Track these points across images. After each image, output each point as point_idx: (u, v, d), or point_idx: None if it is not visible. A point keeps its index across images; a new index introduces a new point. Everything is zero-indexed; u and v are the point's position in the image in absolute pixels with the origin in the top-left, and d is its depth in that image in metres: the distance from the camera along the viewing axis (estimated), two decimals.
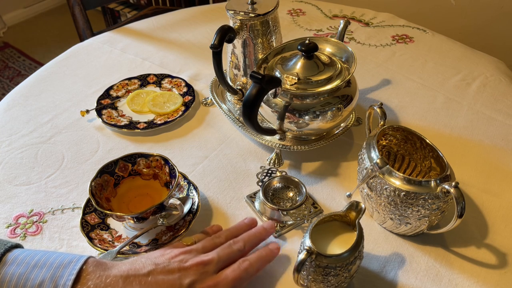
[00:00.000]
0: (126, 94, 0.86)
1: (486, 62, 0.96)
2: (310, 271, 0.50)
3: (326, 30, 1.08)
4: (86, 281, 0.43)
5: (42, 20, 2.79)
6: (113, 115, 0.81)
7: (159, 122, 0.79)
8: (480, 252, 0.59)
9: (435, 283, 0.56)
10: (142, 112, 0.82)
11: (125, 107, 0.83)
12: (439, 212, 0.56)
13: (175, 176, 0.60)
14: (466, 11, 1.56)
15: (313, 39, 0.67)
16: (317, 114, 0.65)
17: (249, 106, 0.60)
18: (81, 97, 0.87)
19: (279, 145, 0.71)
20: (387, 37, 1.05)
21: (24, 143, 0.77)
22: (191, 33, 1.09)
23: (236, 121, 0.78)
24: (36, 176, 0.71)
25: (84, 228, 0.60)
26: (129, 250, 0.58)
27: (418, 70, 0.94)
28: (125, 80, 0.88)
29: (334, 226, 0.55)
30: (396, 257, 0.59)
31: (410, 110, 0.83)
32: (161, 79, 0.89)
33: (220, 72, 0.72)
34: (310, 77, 0.65)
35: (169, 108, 0.81)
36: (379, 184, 0.57)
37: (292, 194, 0.64)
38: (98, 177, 0.61)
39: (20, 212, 0.65)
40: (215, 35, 0.68)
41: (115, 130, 0.78)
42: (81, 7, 1.24)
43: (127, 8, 2.18)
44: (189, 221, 0.60)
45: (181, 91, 0.86)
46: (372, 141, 0.61)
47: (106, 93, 0.85)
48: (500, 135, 0.77)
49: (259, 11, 0.71)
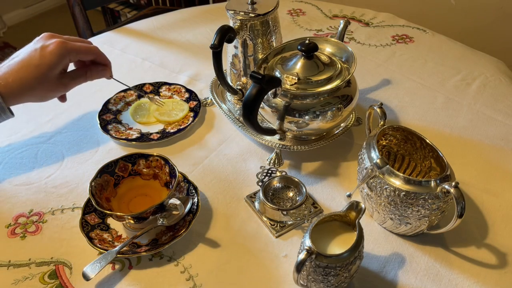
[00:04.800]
0: (126, 107, 0.84)
1: (486, 62, 0.96)
2: (310, 271, 0.50)
3: (326, 30, 1.08)
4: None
5: (42, 20, 2.79)
6: (120, 129, 0.79)
7: (171, 130, 0.78)
8: (480, 252, 0.59)
9: (435, 283, 0.56)
10: (149, 123, 0.80)
11: (129, 120, 0.81)
12: (439, 212, 0.56)
13: (175, 176, 0.60)
14: (466, 11, 1.56)
15: (313, 39, 0.67)
16: (317, 114, 0.65)
17: (249, 106, 0.60)
18: (81, 97, 0.87)
19: (279, 145, 0.71)
20: (387, 37, 1.05)
21: (24, 143, 0.77)
22: (191, 33, 1.08)
23: (236, 121, 0.78)
24: (36, 176, 0.71)
25: (84, 228, 0.60)
26: (129, 250, 0.58)
27: (418, 70, 0.94)
28: (121, 93, 0.85)
29: (334, 226, 0.55)
30: (396, 257, 0.59)
31: (410, 110, 0.83)
32: (158, 87, 0.87)
33: (220, 72, 0.72)
34: (310, 77, 0.64)
35: (177, 115, 0.80)
36: (379, 184, 0.57)
37: (292, 194, 0.64)
38: (98, 177, 0.61)
39: (20, 212, 0.65)
40: (215, 35, 0.68)
41: (127, 145, 0.76)
42: (81, 7, 1.24)
43: (127, 8, 2.18)
44: (189, 221, 0.60)
45: (183, 97, 0.85)
46: (372, 141, 0.61)
47: (105, 108, 0.82)
48: (500, 135, 0.77)
49: (259, 11, 0.71)
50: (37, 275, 0.57)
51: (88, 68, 0.72)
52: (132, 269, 0.58)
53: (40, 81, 0.65)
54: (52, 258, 0.59)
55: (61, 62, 0.66)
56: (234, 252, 0.60)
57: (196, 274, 0.57)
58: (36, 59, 0.65)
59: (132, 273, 0.57)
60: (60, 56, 0.66)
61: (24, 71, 0.64)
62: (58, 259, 0.59)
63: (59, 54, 0.66)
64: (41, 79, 0.65)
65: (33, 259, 0.59)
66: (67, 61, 0.68)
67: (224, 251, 0.60)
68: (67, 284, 0.56)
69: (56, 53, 0.65)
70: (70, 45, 0.67)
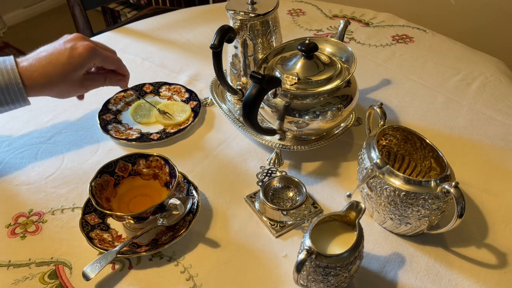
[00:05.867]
0: (126, 107, 0.84)
1: (486, 62, 0.96)
2: (310, 271, 0.50)
3: (326, 30, 1.08)
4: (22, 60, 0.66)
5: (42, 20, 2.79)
6: (120, 129, 0.79)
7: (171, 130, 0.78)
8: (480, 252, 0.59)
9: (435, 283, 0.56)
10: (149, 123, 0.80)
11: (129, 120, 0.81)
12: (439, 212, 0.56)
13: (175, 176, 0.60)
14: (466, 11, 1.56)
15: (313, 39, 0.67)
16: (317, 114, 0.65)
17: (249, 106, 0.60)
18: None
19: (279, 145, 0.71)
20: (387, 37, 1.05)
21: (24, 143, 0.77)
22: (191, 33, 1.08)
23: (236, 121, 0.78)
24: (36, 176, 0.71)
25: (84, 228, 0.60)
26: (129, 250, 0.58)
27: (418, 70, 0.94)
28: (121, 93, 0.85)
29: (334, 226, 0.55)
30: (396, 257, 0.59)
31: (410, 110, 0.83)
32: (158, 87, 0.87)
33: (220, 72, 0.72)
34: (310, 77, 0.65)
35: (181, 117, 0.80)
36: (379, 184, 0.57)
37: (292, 194, 0.64)
38: (98, 177, 0.61)
39: (20, 212, 0.65)
40: (215, 35, 0.68)
41: (127, 145, 0.76)
42: (81, 7, 1.24)
43: (127, 8, 2.18)
44: (189, 221, 0.60)
45: (183, 97, 0.85)
46: (372, 141, 0.61)
47: (105, 108, 0.82)
48: (500, 135, 0.77)
49: (259, 11, 0.71)
50: (37, 275, 0.57)
51: (108, 75, 0.75)
52: (132, 269, 0.58)
53: (64, 79, 0.68)
54: (52, 258, 0.59)
55: (87, 65, 0.69)
56: (234, 252, 0.60)
57: (196, 274, 0.57)
58: (65, 57, 0.67)
59: (132, 273, 0.57)
60: (88, 59, 0.68)
61: (51, 67, 0.66)
62: (58, 259, 0.59)
63: (87, 57, 0.68)
64: (65, 77, 0.68)
65: (33, 259, 0.59)
66: (91, 65, 0.71)
67: (224, 251, 0.60)
68: (67, 284, 0.56)
69: (85, 56, 0.68)
70: (99, 51, 0.70)
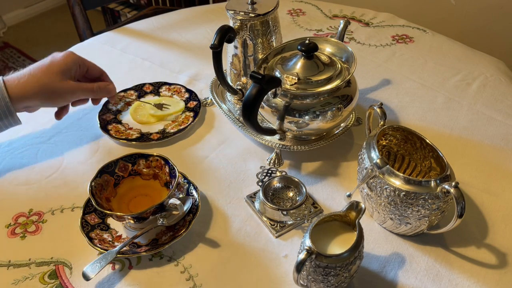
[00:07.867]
0: (126, 107, 0.84)
1: (486, 62, 0.96)
2: (310, 271, 0.50)
3: (326, 30, 1.08)
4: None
5: (42, 20, 2.79)
6: (120, 129, 0.79)
7: (171, 130, 0.78)
8: (480, 252, 0.59)
9: (435, 283, 0.56)
10: (149, 123, 0.80)
11: (129, 120, 0.81)
12: (439, 212, 0.56)
13: (175, 176, 0.60)
14: (466, 11, 1.56)
15: (313, 39, 0.67)
16: (317, 114, 0.65)
17: (249, 106, 0.60)
18: None
19: (279, 145, 0.71)
20: (387, 37, 1.05)
21: (24, 143, 0.77)
22: (191, 33, 1.08)
23: (236, 121, 0.78)
24: (36, 176, 0.71)
25: (84, 228, 0.60)
26: (129, 250, 0.58)
27: (418, 70, 0.94)
28: (121, 92, 0.85)
29: (334, 226, 0.55)
30: (396, 257, 0.59)
31: (410, 110, 0.83)
32: (158, 87, 0.87)
33: (220, 72, 0.72)
34: (310, 77, 0.65)
35: (168, 109, 0.80)
36: (379, 184, 0.57)
37: (292, 194, 0.64)
38: (98, 177, 0.61)
39: (20, 212, 0.65)
40: (215, 35, 0.68)
41: (127, 145, 0.76)
42: (81, 7, 1.24)
43: (127, 8, 2.17)
44: (189, 221, 0.60)
45: (183, 97, 0.85)
46: (372, 141, 0.61)
47: (105, 108, 0.82)
48: (500, 135, 0.77)
49: (259, 11, 0.71)
50: (37, 275, 0.57)
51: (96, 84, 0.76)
52: (132, 269, 0.58)
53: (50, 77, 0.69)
54: (52, 258, 0.59)
55: (70, 66, 0.71)
56: (234, 252, 0.60)
57: (196, 274, 0.57)
58: (48, 60, 0.71)
59: (132, 273, 0.57)
60: (69, 59, 0.71)
61: (35, 69, 0.70)
62: (58, 259, 0.59)
63: (69, 57, 0.72)
64: (51, 74, 0.69)
65: (33, 259, 0.59)
66: (76, 67, 0.73)
67: (224, 251, 0.60)
68: (67, 284, 0.56)
69: (66, 57, 0.71)
70: (80, 57, 0.74)
